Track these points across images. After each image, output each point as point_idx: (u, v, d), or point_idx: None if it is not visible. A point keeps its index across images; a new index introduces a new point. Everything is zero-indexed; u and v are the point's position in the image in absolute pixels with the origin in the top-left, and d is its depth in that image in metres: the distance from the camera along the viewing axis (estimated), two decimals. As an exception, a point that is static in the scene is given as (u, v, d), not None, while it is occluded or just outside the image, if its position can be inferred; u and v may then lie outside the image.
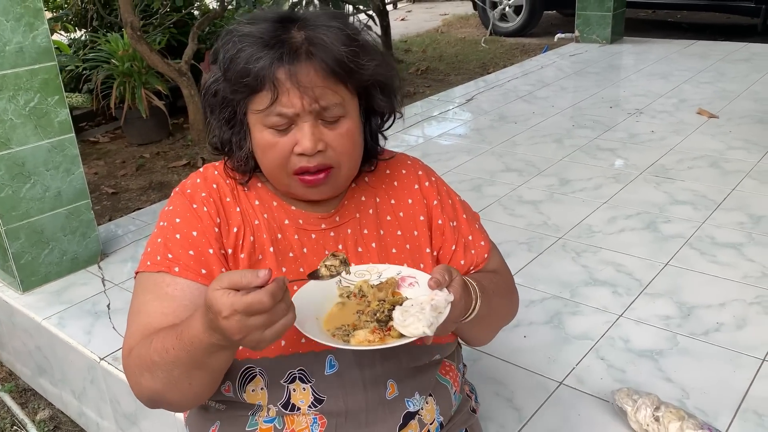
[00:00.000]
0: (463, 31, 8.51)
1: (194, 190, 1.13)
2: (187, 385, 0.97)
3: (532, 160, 3.30)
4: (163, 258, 1.07)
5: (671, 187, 2.87)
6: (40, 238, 2.33)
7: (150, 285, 1.07)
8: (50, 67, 2.24)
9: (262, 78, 1.00)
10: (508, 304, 1.26)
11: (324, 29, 1.02)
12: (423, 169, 1.27)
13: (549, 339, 1.92)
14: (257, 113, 1.04)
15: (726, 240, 2.41)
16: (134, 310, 1.08)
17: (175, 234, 1.09)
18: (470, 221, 1.25)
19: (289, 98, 1.01)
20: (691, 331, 1.92)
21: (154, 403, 1.04)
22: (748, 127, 3.55)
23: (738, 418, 1.58)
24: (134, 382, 1.03)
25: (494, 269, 1.25)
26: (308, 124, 1.03)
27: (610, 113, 3.96)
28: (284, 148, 1.05)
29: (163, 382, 0.97)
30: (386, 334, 0.97)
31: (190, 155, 4.62)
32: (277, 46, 1.00)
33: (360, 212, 1.18)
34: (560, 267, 2.31)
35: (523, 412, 1.65)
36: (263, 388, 1.08)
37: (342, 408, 1.08)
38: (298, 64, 1.00)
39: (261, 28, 1.03)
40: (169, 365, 0.95)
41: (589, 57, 5.39)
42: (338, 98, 1.04)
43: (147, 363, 0.98)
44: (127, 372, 1.05)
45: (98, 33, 5.27)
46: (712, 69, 4.75)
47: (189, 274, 1.06)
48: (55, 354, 2.19)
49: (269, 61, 0.99)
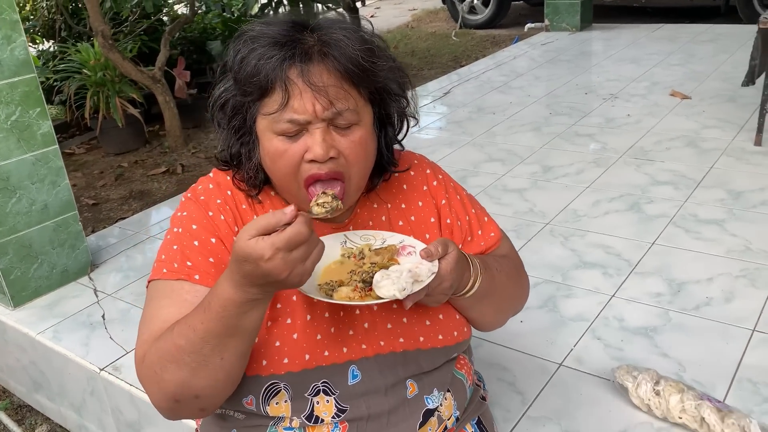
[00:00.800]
0: (433, 25, 8.54)
1: (208, 197, 1.11)
2: (218, 362, 0.94)
3: (514, 149, 3.34)
4: (181, 266, 1.05)
5: (651, 169, 2.93)
6: (28, 252, 2.31)
7: (167, 291, 1.04)
8: (30, 79, 2.22)
9: (274, 77, 0.98)
10: (515, 285, 1.27)
11: (338, 30, 1.01)
12: (430, 167, 1.27)
13: (546, 322, 1.96)
14: (268, 117, 1.01)
15: (708, 217, 2.47)
16: (148, 316, 1.05)
17: (193, 241, 1.07)
18: (479, 215, 1.26)
19: (302, 101, 0.98)
20: (682, 307, 1.96)
21: (178, 403, 0.99)
22: (720, 106, 3.63)
23: (734, 387, 1.63)
24: (155, 383, 0.98)
25: (505, 254, 1.27)
26: (320, 130, 1.00)
27: (585, 99, 4.02)
28: (295, 154, 1.02)
29: (191, 367, 0.94)
30: (367, 294, 0.99)
31: (169, 162, 4.58)
32: (289, 45, 0.99)
33: (373, 220, 1.18)
34: (550, 252, 2.35)
35: (526, 395, 1.68)
36: (287, 401, 1.07)
37: (365, 413, 1.09)
38: (311, 63, 0.98)
39: (273, 29, 1.01)
40: (199, 343, 0.92)
41: (560, 45, 5.45)
42: (352, 102, 1.01)
43: (171, 351, 0.95)
44: (144, 377, 1.01)
45: (67, 43, 5.19)
46: (680, 51, 4.84)
47: (210, 281, 1.03)
48: (52, 368, 2.17)
49: (281, 60, 0.98)
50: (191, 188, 1.15)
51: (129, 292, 2.37)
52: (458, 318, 1.17)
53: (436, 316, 1.14)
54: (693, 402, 1.50)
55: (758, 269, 2.11)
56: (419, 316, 1.13)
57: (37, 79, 2.25)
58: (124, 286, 2.41)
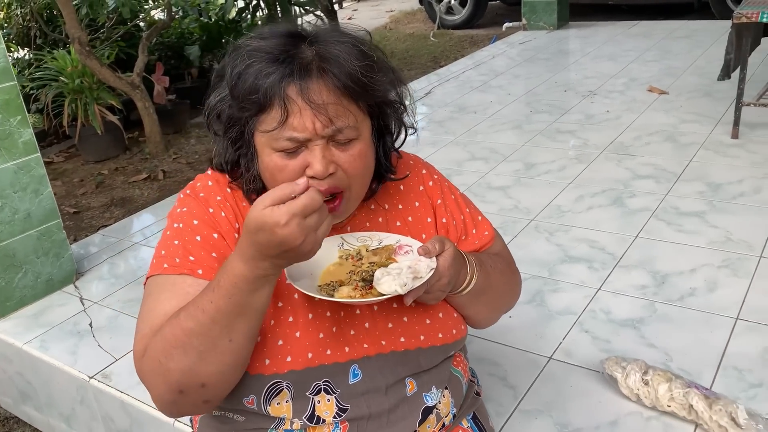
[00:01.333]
0: (411, 26, 8.58)
1: (208, 194, 1.10)
2: (227, 344, 0.93)
3: (496, 147, 3.37)
4: (184, 260, 1.04)
5: (632, 163, 2.97)
6: (12, 262, 2.28)
7: (167, 285, 1.03)
8: (10, 87, 2.20)
9: (272, 95, 0.96)
10: (508, 282, 1.29)
11: (335, 44, 0.99)
12: (426, 167, 1.28)
13: (534, 317, 1.98)
14: (266, 134, 1.00)
15: (689, 209, 2.51)
16: (147, 310, 1.03)
17: (194, 236, 1.06)
18: (473, 214, 1.28)
19: (301, 119, 0.97)
20: (667, 298, 2.00)
21: (182, 394, 0.96)
22: (696, 100, 3.69)
23: (720, 374, 1.66)
24: (159, 374, 0.96)
25: (497, 252, 1.29)
26: (319, 147, 0.99)
27: (564, 97, 4.06)
28: (294, 170, 1.00)
29: (199, 351, 0.92)
30: (368, 292, 1.01)
31: (150, 168, 4.55)
32: (287, 61, 0.97)
33: (370, 221, 1.19)
34: (536, 247, 2.37)
35: (518, 389, 1.70)
36: (288, 401, 1.07)
37: (365, 412, 1.09)
38: (309, 80, 0.96)
39: (270, 43, 0.99)
40: (208, 324, 0.92)
41: (538, 44, 5.50)
42: (352, 119, 1.00)
43: (177, 336, 0.93)
44: (146, 370, 0.99)
45: (43, 51, 5.14)
46: (656, 48, 4.91)
47: (212, 276, 1.00)
48: (39, 378, 2.15)
49: (279, 77, 0.96)
50: (189, 185, 1.14)
51: (116, 299, 2.35)
52: (456, 316, 1.19)
53: (436, 315, 1.15)
54: (681, 390, 1.52)
55: (740, 259, 2.15)
56: (419, 315, 1.14)
57: (17, 87, 2.23)
58: (111, 294, 2.39)
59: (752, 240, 2.25)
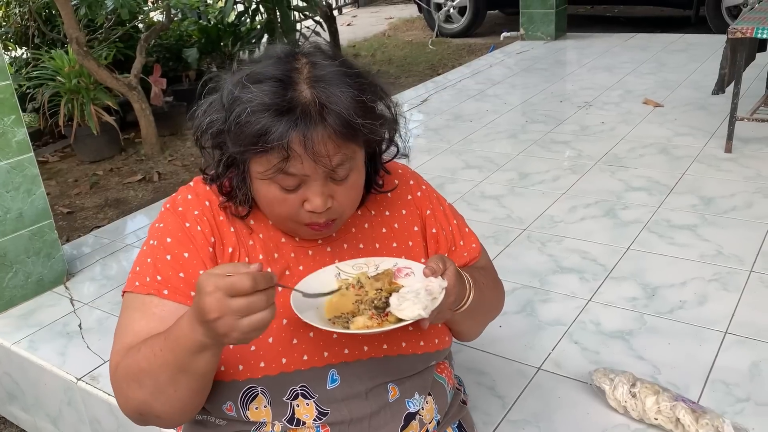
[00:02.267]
0: (410, 33, 8.60)
1: (186, 208, 1.11)
2: (172, 392, 0.96)
3: (491, 156, 3.38)
4: (152, 280, 1.06)
5: (626, 175, 2.98)
6: (3, 261, 2.28)
7: (138, 305, 1.06)
8: (5, 86, 2.20)
9: (276, 145, 0.95)
10: (496, 297, 1.31)
11: (336, 92, 0.97)
12: (413, 177, 1.28)
13: (523, 327, 1.98)
14: (262, 173, 1.00)
15: (681, 222, 2.52)
16: (121, 327, 1.07)
17: (165, 255, 1.07)
18: (461, 225, 1.29)
19: (302, 166, 0.97)
20: (656, 311, 2.00)
21: (142, 417, 1.03)
22: (691, 114, 3.71)
23: (707, 388, 1.67)
24: (122, 396, 1.02)
25: (483, 266, 1.29)
26: (318, 183, 1.00)
27: (560, 107, 4.08)
28: (294, 204, 1.03)
29: (150, 390, 0.97)
30: (384, 319, 1.00)
31: (145, 170, 4.54)
32: (289, 111, 0.95)
33: (356, 227, 1.19)
34: (528, 257, 2.38)
35: (505, 399, 1.70)
36: (266, 406, 1.07)
37: (347, 417, 1.09)
38: (312, 130, 0.95)
39: (269, 90, 0.97)
40: (156, 369, 0.95)
41: (536, 54, 5.52)
42: (350, 156, 1.01)
43: (135, 371, 0.98)
44: (114, 387, 1.04)
45: (41, 50, 5.14)
46: (652, 60, 4.93)
47: (178, 296, 1.05)
48: (27, 379, 2.14)
49: (284, 130, 0.95)
50: (170, 198, 1.15)
51: (106, 301, 2.35)
52: (441, 326, 1.19)
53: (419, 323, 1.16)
54: (668, 403, 1.53)
55: (730, 273, 2.16)
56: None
57: (12, 86, 2.22)
58: (101, 295, 2.38)
59: (743, 254, 2.26)
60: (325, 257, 1.15)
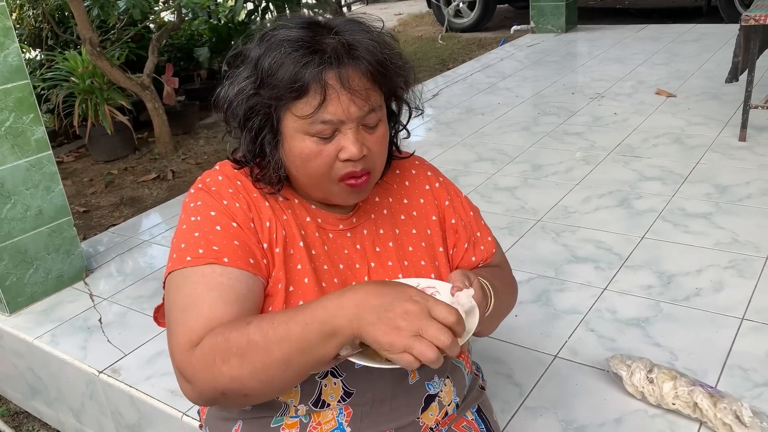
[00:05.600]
0: (420, 29, 8.60)
1: (219, 188, 1.11)
2: (279, 374, 0.92)
3: (503, 149, 3.38)
4: (207, 251, 1.03)
5: (639, 165, 2.98)
6: (23, 258, 2.31)
7: (197, 278, 1.01)
8: (23, 85, 2.23)
9: (312, 81, 0.99)
10: (512, 297, 1.32)
11: (360, 35, 1.03)
12: (431, 169, 1.30)
13: (540, 316, 1.99)
14: (301, 120, 1.01)
15: (696, 211, 2.52)
16: (186, 303, 1.00)
17: (214, 226, 1.05)
18: (477, 218, 1.30)
19: (340, 103, 1.00)
20: (672, 298, 2.00)
21: (223, 396, 0.96)
22: (704, 103, 3.69)
23: (725, 373, 1.67)
24: (209, 372, 0.94)
25: (497, 263, 1.30)
26: (353, 131, 1.03)
27: (572, 99, 4.07)
28: (329, 155, 1.04)
29: (255, 366, 0.91)
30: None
31: (159, 168, 4.58)
32: (321, 49, 1.00)
33: (375, 213, 1.20)
34: (542, 247, 2.38)
35: (523, 386, 1.71)
36: (297, 387, 1.08)
37: (369, 398, 1.11)
38: (346, 66, 1.00)
39: (299, 33, 1.02)
40: (273, 344, 0.90)
41: (546, 47, 5.51)
42: (379, 104, 1.05)
43: (240, 344, 0.92)
44: (194, 365, 0.96)
45: (54, 52, 5.19)
46: (664, 51, 4.91)
47: (239, 263, 1.02)
48: (50, 373, 2.18)
49: (318, 64, 0.98)
50: (200, 180, 1.14)
51: (125, 296, 2.38)
52: None
53: None
54: (686, 388, 1.53)
55: (745, 260, 2.15)
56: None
57: (30, 86, 2.26)
58: (120, 290, 2.42)
59: (759, 241, 2.25)
60: (345, 242, 1.16)
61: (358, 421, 1.11)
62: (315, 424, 1.11)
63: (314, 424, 1.11)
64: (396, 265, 1.16)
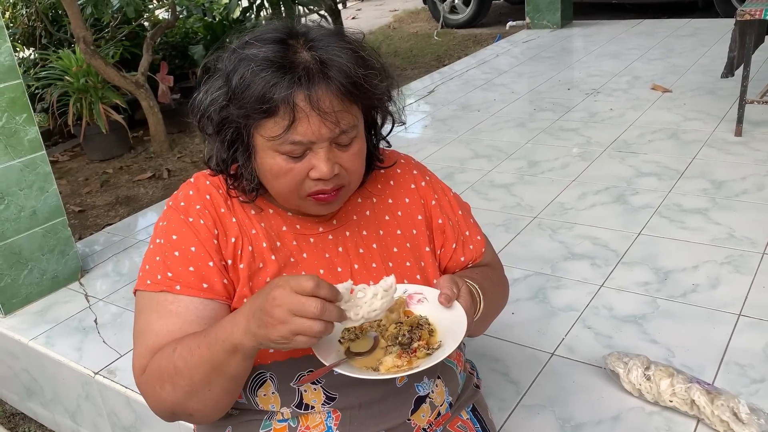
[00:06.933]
0: (415, 25, 8.58)
1: (188, 203, 1.12)
2: (207, 392, 0.99)
3: (499, 146, 3.37)
4: (163, 277, 1.07)
5: (635, 161, 2.98)
6: (18, 259, 2.30)
7: (153, 304, 1.07)
8: (16, 85, 2.22)
9: (281, 102, 0.96)
10: (503, 296, 1.31)
11: (335, 50, 0.99)
12: (417, 167, 1.28)
13: (536, 313, 1.99)
14: (270, 140, 1.00)
15: (692, 206, 2.51)
16: (140, 329, 1.08)
17: (173, 251, 1.08)
18: (466, 216, 1.28)
19: (309, 125, 0.97)
20: (669, 294, 2.00)
21: (175, 416, 1.05)
22: (700, 98, 3.68)
23: (722, 370, 1.67)
24: (154, 398, 1.04)
25: (488, 263, 1.29)
26: (324, 150, 1.00)
27: (568, 95, 4.07)
28: (299, 174, 1.02)
29: (185, 390, 0.99)
30: (412, 356, 1.00)
31: (154, 167, 4.57)
32: (291, 69, 0.96)
33: (357, 214, 1.19)
34: (538, 244, 2.38)
35: (520, 384, 1.71)
36: (274, 393, 1.09)
37: (355, 402, 1.10)
38: (316, 87, 0.96)
39: (271, 49, 0.98)
40: (192, 369, 0.97)
41: (542, 42, 5.50)
42: (354, 120, 1.02)
43: (169, 372, 0.99)
44: (144, 389, 1.05)
45: (48, 50, 5.17)
46: (660, 46, 4.91)
47: (190, 290, 1.06)
48: (45, 374, 2.17)
49: (288, 86, 0.95)
50: (173, 196, 1.16)
51: (120, 296, 2.37)
52: None
53: None
54: (683, 385, 1.53)
55: (742, 256, 2.15)
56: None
57: (23, 85, 2.24)
58: (115, 291, 2.41)
59: (755, 237, 2.25)
60: (327, 245, 1.14)
61: (347, 424, 1.11)
62: (303, 428, 1.10)
63: (303, 428, 1.10)
64: (380, 266, 1.15)
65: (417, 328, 1.03)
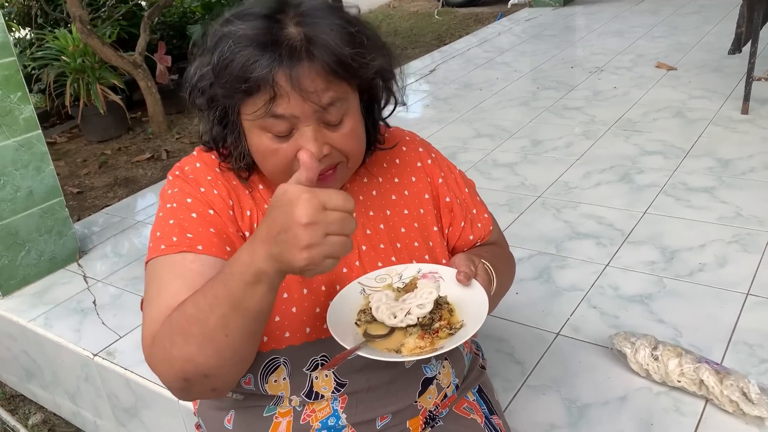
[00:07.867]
0: (415, 4, 8.49)
1: (197, 175, 1.06)
2: (223, 338, 0.86)
3: (502, 125, 3.33)
4: (181, 238, 0.99)
5: (640, 139, 2.93)
6: (15, 240, 2.27)
7: (169, 267, 0.98)
8: (10, 63, 2.17)
9: (260, 82, 0.91)
10: (511, 275, 1.28)
11: (324, 26, 0.93)
12: (423, 145, 1.23)
13: (541, 293, 1.96)
14: (253, 116, 0.94)
15: (698, 185, 2.48)
16: (152, 294, 0.98)
17: (190, 213, 1.01)
18: (472, 194, 1.25)
19: (289, 104, 0.92)
20: (676, 274, 1.97)
21: (188, 383, 0.92)
22: (705, 76, 3.63)
23: (730, 349, 1.64)
24: (164, 361, 0.92)
25: (495, 240, 1.26)
26: (311, 128, 0.94)
27: (571, 73, 4.01)
28: (286, 154, 0.96)
29: (198, 340, 0.87)
30: (434, 336, 0.97)
31: (153, 148, 4.53)
32: (274, 46, 0.91)
33: (363, 194, 1.14)
34: (543, 224, 2.35)
35: (525, 365, 1.68)
36: (285, 378, 1.05)
37: (364, 385, 1.08)
38: (299, 66, 0.90)
39: (254, 25, 0.93)
40: (206, 311, 0.86)
41: (544, 21, 5.43)
42: (341, 97, 0.95)
43: (180, 322, 0.89)
44: (154, 356, 0.94)
45: (44, 30, 5.10)
46: (664, 24, 4.84)
47: (214, 250, 0.98)
48: (45, 356, 2.15)
49: (267, 65, 0.90)
50: (177, 167, 1.09)
51: (119, 277, 2.34)
52: None
53: None
54: (691, 365, 1.50)
55: (749, 234, 2.12)
56: None
57: (17, 63, 2.20)
58: (114, 272, 2.38)
59: (763, 215, 2.22)
60: None
61: (353, 407, 1.08)
62: (309, 411, 1.08)
63: (308, 411, 1.08)
64: (388, 247, 1.11)
65: (437, 308, 1.00)
